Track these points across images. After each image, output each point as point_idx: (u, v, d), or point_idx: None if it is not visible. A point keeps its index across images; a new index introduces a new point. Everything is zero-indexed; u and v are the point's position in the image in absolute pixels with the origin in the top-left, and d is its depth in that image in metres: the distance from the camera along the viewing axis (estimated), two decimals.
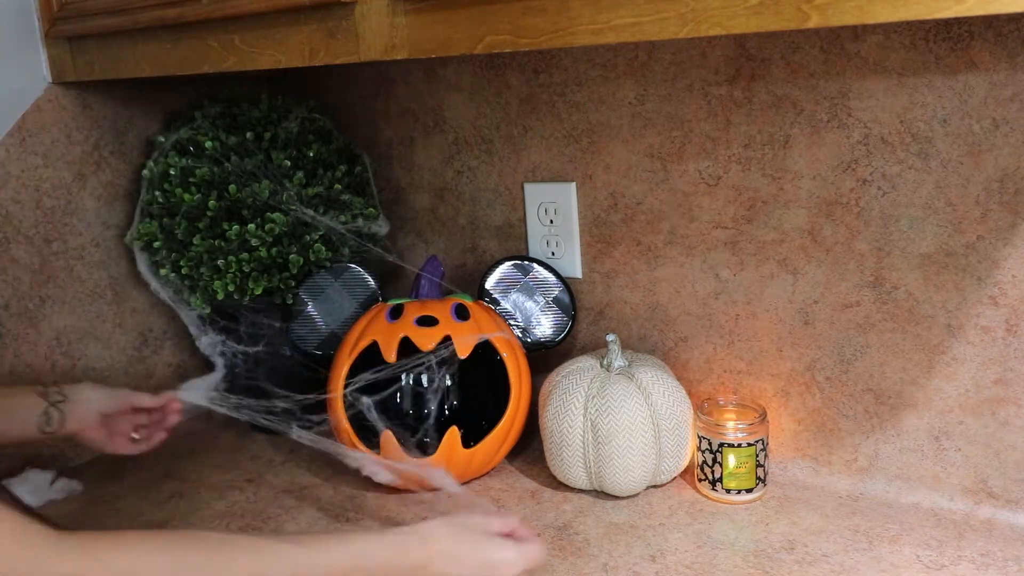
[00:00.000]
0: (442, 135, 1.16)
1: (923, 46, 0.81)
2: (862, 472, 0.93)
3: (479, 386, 0.98)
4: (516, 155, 1.10)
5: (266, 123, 1.11)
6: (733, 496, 0.92)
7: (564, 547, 0.86)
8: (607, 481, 0.92)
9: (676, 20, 0.63)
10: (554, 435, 0.95)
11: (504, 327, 1.02)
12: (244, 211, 1.05)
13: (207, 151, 1.06)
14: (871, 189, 0.87)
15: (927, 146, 0.83)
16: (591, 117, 1.03)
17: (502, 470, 1.04)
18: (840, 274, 0.90)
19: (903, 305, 0.88)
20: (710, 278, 0.99)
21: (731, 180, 0.95)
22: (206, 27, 0.91)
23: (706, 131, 0.95)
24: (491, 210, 1.15)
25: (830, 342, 0.92)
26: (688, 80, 0.95)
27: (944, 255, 0.84)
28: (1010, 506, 0.85)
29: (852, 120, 0.86)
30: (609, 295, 1.07)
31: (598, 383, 0.93)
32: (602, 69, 1.01)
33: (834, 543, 0.83)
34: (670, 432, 0.92)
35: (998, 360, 0.84)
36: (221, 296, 1.06)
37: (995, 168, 0.80)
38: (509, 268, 1.08)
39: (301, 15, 0.83)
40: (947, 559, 0.80)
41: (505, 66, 1.08)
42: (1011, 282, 0.82)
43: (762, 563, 0.81)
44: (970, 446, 0.86)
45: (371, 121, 1.23)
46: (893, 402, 0.90)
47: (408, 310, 1.00)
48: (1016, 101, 0.78)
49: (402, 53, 0.77)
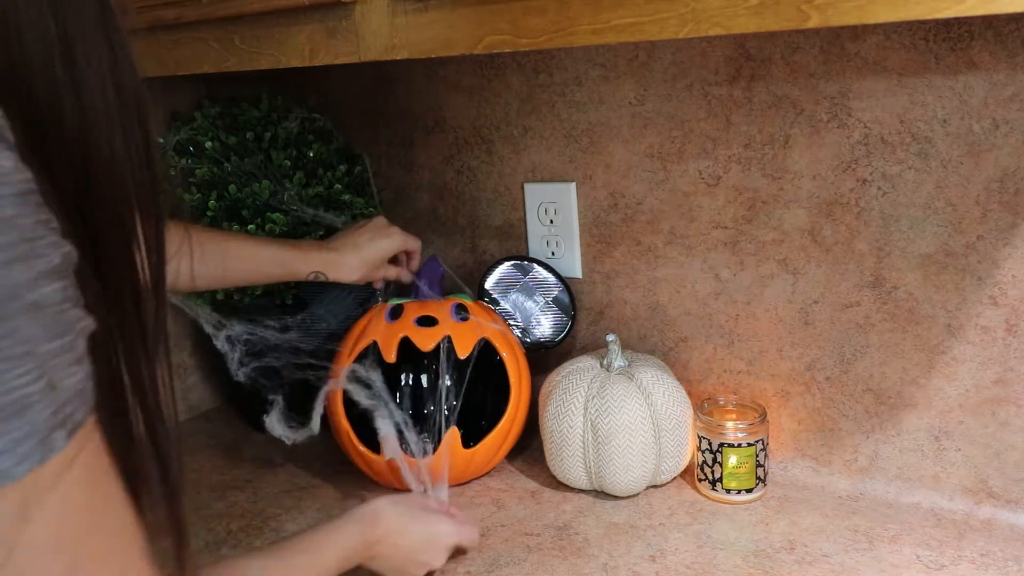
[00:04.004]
0: (442, 135, 1.16)
1: (923, 46, 0.81)
2: (862, 472, 0.93)
3: (479, 386, 0.98)
4: (516, 155, 1.10)
5: (266, 123, 1.11)
6: (733, 496, 0.92)
7: (564, 547, 0.86)
8: (607, 481, 0.92)
9: (676, 20, 0.63)
10: (554, 435, 0.95)
11: (504, 326, 1.02)
12: (244, 211, 1.05)
13: (207, 151, 1.06)
14: (871, 189, 0.87)
15: (927, 146, 0.83)
16: (591, 117, 1.03)
17: (502, 470, 1.04)
18: (840, 274, 0.90)
19: (903, 305, 0.88)
20: (710, 278, 0.99)
21: (731, 180, 0.95)
22: (206, 27, 0.91)
23: (706, 131, 0.95)
24: (491, 210, 1.15)
25: (830, 342, 0.92)
26: (688, 80, 0.95)
27: (944, 255, 0.84)
28: (1010, 506, 0.85)
29: (852, 120, 0.86)
30: (609, 295, 1.07)
31: (598, 383, 0.93)
32: (602, 69, 1.01)
33: (834, 543, 0.83)
34: (670, 432, 0.92)
35: (998, 360, 0.84)
36: (221, 296, 1.06)
37: (995, 168, 0.80)
38: (509, 268, 1.08)
39: (301, 15, 0.83)
40: (947, 559, 0.80)
41: (505, 66, 1.08)
42: (1011, 282, 0.82)
43: (762, 563, 0.81)
44: (970, 446, 0.86)
45: (371, 121, 1.23)
46: (893, 402, 0.90)
47: (408, 310, 1.00)
48: (1016, 101, 0.78)
49: (402, 53, 0.77)
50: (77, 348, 0.40)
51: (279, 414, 0.93)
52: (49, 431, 0.38)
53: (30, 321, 0.37)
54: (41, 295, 0.37)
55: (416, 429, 0.94)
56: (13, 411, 0.37)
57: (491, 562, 0.84)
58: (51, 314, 0.38)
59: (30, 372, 0.37)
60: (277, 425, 0.93)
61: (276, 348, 0.99)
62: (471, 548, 0.86)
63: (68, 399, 0.39)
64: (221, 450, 1.15)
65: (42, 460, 0.38)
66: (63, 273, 0.39)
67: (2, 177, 0.36)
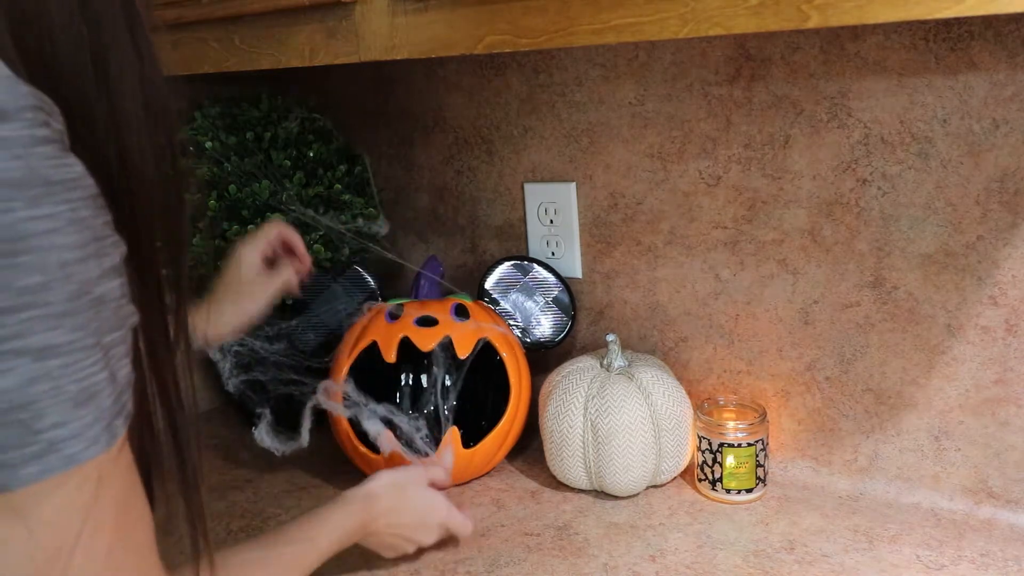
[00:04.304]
0: (442, 135, 1.16)
1: (923, 46, 0.81)
2: (862, 472, 0.93)
3: (479, 386, 0.98)
4: (516, 155, 1.10)
5: (266, 123, 1.11)
6: (733, 496, 0.92)
7: (564, 547, 0.86)
8: (607, 481, 0.92)
9: (676, 20, 0.63)
10: (554, 435, 0.95)
11: (504, 326, 1.02)
12: (244, 211, 1.05)
13: (207, 151, 1.06)
14: (871, 189, 0.87)
15: (927, 146, 0.83)
16: (591, 117, 1.03)
17: (502, 470, 1.04)
18: (840, 274, 0.90)
19: (903, 305, 0.88)
20: (710, 278, 0.99)
21: (731, 180, 0.95)
22: (206, 27, 0.91)
23: (706, 131, 0.95)
24: (491, 210, 1.15)
25: (830, 342, 0.92)
26: (688, 80, 0.95)
27: (944, 255, 0.84)
28: (1010, 506, 0.85)
29: (852, 120, 0.86)
30: (609, 295, 1.07)
31: (598, 383, 0.93)
32: (602, 69, 1.01)
33: (834, 543, 0.83)
34: (670, 432, 0.92)
35: (998, 360, 0.84)
36: None
37: (995, 168, 0.80)
38: (509, 268, 1.08)
39: (301, 15, 0.83)
40: (947, 559, 0.80)
41: (505, 66, 1.08)
42: (1011, 282, 0.82)
43: (762, 563, 0.81)
44: (970, 446, 0.86)
45: (371, 121, 1.23)
46: (893, 402, 0.90)
47: (408, 310, 1.00)
48: (1016, 101, 0.78)
49: (402, 53, 0.77)
50: (128, 341, 0.43)
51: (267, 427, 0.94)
52: (112, 417, 0.41)
53: (96, 314, 0.40)
54: (106, 290, 0.41)
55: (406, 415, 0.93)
56: (84, 398, 0.40)
57: (491, 562, 0.84)
58: (112, 308, 0.41)
59: (98, 362, 0.40)
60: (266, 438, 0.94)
61: (263, 362, 0.99)
62: (463, 536, 0.85)
63: (124, 388, 0.42)
64: (221, 450, 1.15)
65: (108, 445, 0.41)
66: (121, 270, 0.42)
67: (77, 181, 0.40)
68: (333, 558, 0.86)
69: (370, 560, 0.86)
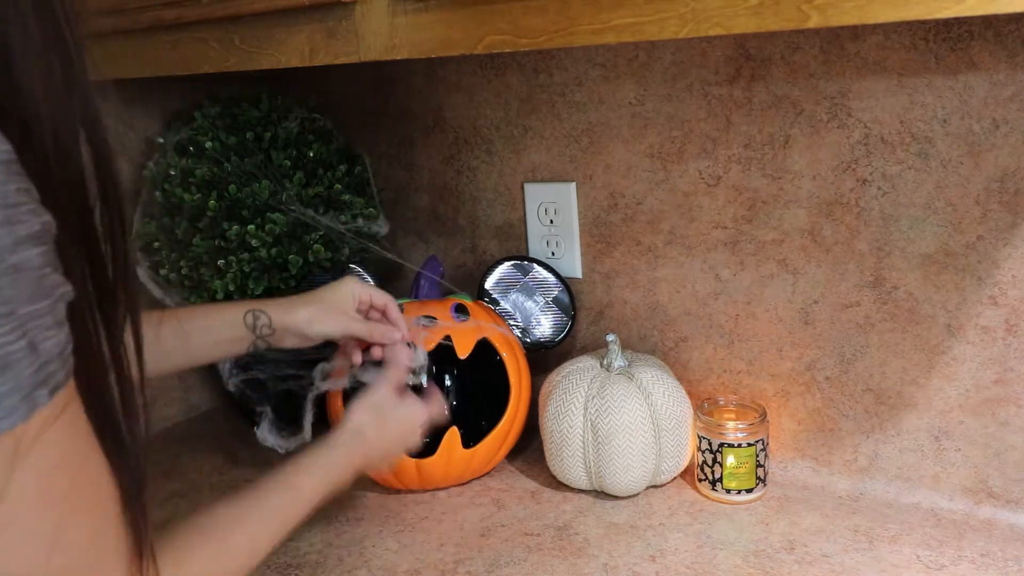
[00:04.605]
0: (442, 135, 1.16)
1: (923, 46, 0.81)
2: (862, 472, 0.93)
3: (479, 386, 0.98)
4: (516, 155, 1.10)
5: (266, 123, 1.11)
6: (733, 496, 0.92)
7: (564, 547, 0.86)
8: (607, 481, 0.92)
9: (676, 20, 0.63)
10: (554, 435, 0.95)
11: (504, 326, 1.02)
12: (244, 211, 1.05)
13: (207, 151, 1.06)
14: (871, 189, 0.87)
15: (927, 146, 0.83)
16: (591, 117, 1.03)
17: (502, 470, 1.04)
18: (840, 274, 0.90)
19: (903, 305, 0.88)
20: (710, 278, 0.99)
21: (731, 180, 0.95)
22: (206, 27, 0.91)
23: (706, 131, 0.95)
24: (491, 210, 1.15)
25: (830, 342, 0.92)
26: (688, 80, 0.95)
27: (944, 255, 0.84)
28: (1010, 506, 0.85)
29: (852, 120, 0.86)
30: (609, 295, 1.07)
31: (598, 383, 0.93)
32: (602, 69, 1.01)
33: (834, 543, 0.83)
34: (670, 432, 0.92)
35: (998, 360, 0.84)
36: (221, 296, 1.05)
37: (995, 168, 0.80)
38: (509, 268, 1.07)
39: (301, 15, 0.83)
40: (947, 559, 0.80)
41: (505, 66, 1.08)
42: (1011, 282, 0.82)
43: (762, 563, 0.81)
44: (970, 446, 0.86)
45: (371, 121, 1.23)
46: (893, 402, 0.90)
47: (408, 310, 1.00)
48: (1016, 101, 0.78)
49: (402, 53, 0.77)
50: (57, 312, 0.42)
51: (269, 425, 0.93)
52: (32, 388, 0.40)
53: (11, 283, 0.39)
54: (21, 258, 0.39)
55: None
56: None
57: (491, 562, 0.84)
58: (32, 278, 0.40)
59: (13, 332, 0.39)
60: (269, 436, 0.93)
61: (261, 360, 0.99)
62: (441, 420, 0.90)
63: (49, 359, 0.41)
64: (221, 450, 1.15)
65: (26, 416, 0.40)
66: (43, 239, 0.41)
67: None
68: (334, 560, 0.87)
69: (370, 560, 0.86)
